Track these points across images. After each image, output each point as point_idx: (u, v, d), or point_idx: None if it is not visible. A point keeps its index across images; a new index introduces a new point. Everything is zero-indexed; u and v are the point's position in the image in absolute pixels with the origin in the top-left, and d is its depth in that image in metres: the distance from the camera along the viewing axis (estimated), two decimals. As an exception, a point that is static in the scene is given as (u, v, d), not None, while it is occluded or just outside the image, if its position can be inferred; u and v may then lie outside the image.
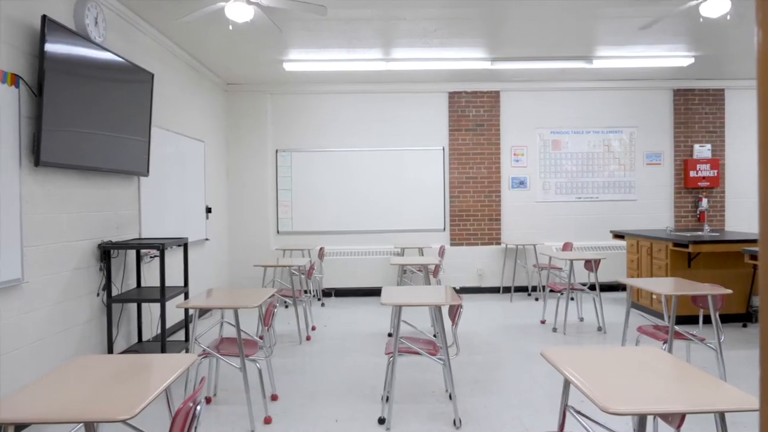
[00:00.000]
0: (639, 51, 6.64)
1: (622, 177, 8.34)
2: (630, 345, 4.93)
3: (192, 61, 6.61)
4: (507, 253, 8.18)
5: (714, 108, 8.33)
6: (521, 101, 8.26)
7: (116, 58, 4.49)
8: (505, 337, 5.72)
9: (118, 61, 4.52)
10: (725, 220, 8.39)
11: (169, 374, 2.08)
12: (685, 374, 2.07)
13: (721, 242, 5.67)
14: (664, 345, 3.82)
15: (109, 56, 4.39)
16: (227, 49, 6.32)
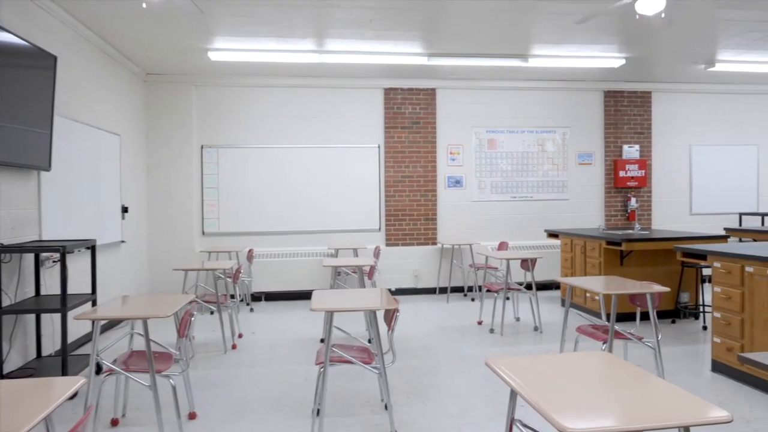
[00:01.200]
0: (573, 50, 6.65)
1: (556, 177, 8.40)
2: (569, 344, 4.85)
3: (105, 46, 6.04)
4: (443, 253, 8.04)
5: (641, 110, 8.54)
6: (457, 99, 8.15)
7: (10, 38, 3.95)
8: (442, 339, 5.54)
9: (13, 40, 3.98)
10: (652, 218, 8.62)
11: (44, 405, 1.70)
12: (640, 381, 1.90)
13: (652, 240, 5.73)
14: (604, 345, 3.73)
15: (1, 35, 3.85)
16: (144, 34, 5.81)
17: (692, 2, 5.00)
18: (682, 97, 8.69)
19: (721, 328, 4.30)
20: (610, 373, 2.01)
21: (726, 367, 4.27)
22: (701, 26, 5.79)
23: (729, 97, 8.83)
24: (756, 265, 3.96)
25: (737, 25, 5.75)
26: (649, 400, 1.73)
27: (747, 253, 4.05)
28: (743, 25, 5.72)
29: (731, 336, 4.20)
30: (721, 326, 4.30)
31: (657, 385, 1.86)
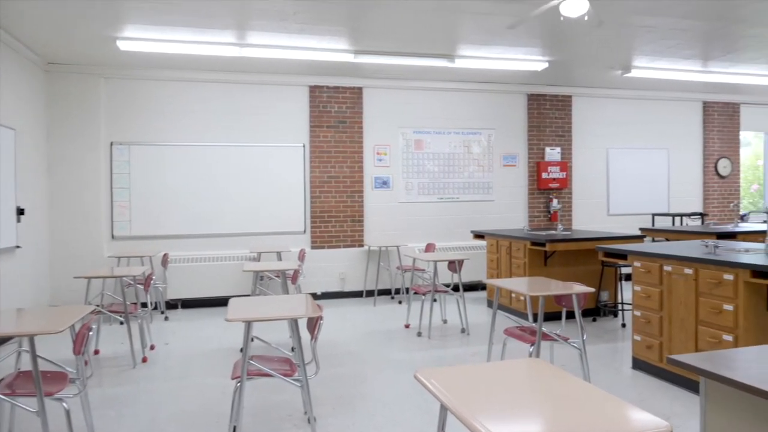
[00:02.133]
0: (498, 52, 6.69)
1: (482, 178, 8.46)
2: (497, 346, 4.81)
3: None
4: (370, 256, 7.89)
5: (563, 113, 8.77)
6: (384, 99, 8.03)
7: None
8: (369, 344, 5.37)
9: None
10: (572, 219, 8.87)
11: None
12: (579, 392, 1.80)
13: (574, 240, 5.83)
14: (532, 347, 3.68)
15: None
16: (41, 17, 5.26)
17: (612, 8, 5.12)
18: (600, 101, 9.01)
19: (641, 326, 4.39)
20: (543, 382, 1.90)
21: (646, 364, 4.36)
22: (619, 32, 5.96)
23: (643, 103, 9.24)
24: (674, 264, 4.06)
25: (653, 32, 5.96)
26: (589, 412, 1.63)
27: (665, 252, 4.15)
28: (658, 32, 5.94)
29: (651, 334, 4.29)
30: (641, 324, 4.39)
31: (592, 395, 1.77)
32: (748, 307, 3.53)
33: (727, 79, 8.09)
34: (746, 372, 1.84)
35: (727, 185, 9.70)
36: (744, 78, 8.09)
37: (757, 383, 1.73)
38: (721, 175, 9.62)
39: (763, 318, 3.57)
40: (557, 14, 5.23)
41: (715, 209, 9.62)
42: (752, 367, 1.90)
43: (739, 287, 3.55)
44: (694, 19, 5.51)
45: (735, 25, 5.75)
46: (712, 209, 9.60)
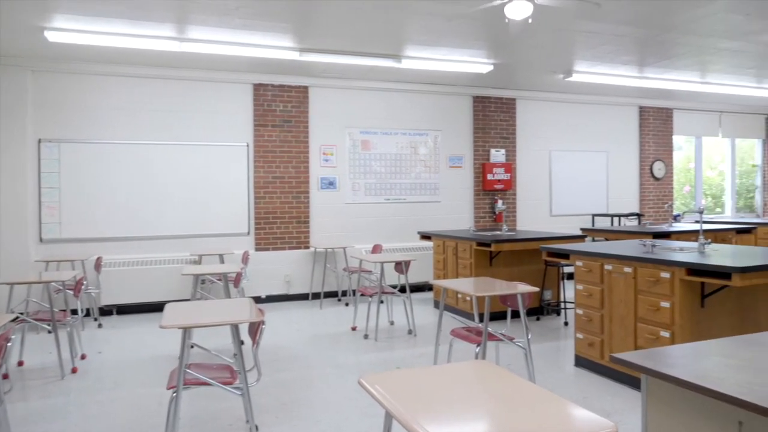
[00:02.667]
0: (444, 54, 6.71)
1: (428, 179, 8.48)
2: (444, 347, 4.80)
3: None
4: (316, 257, 7.76)
5: (507, 116, 8.91)
6: (331, 98, 7.92)
7: None
8: (315, 348, 5.25)
9: None
10: (517, 220, 9.02)
11: None
12: (524, 394, 1.77)
13: (519, 241, 5.90)
14: (478, 348, 3.67)
15: None
16: (-41, 3, 4.88)
17: (555, 12, 5.21)
18: (543, 104, 9.21)
19: (583, 325, 4.47)
20: (488, 384, 1.87)
21: (588, 361, 4.44)
22: (562, 37, 6.08)
23: (584, 107, 9.51)
24: (614, 263, 4.15)
25: (594, 38, 6.12)
26: (534, 414, 1.59)
27: (606, 252, 4.24)
28: (599, 37, 6.10)
29: (592, 332, 4.37)
30: (583, 322, 4.47)
31: (538, 396, 1.74)
32: (683, 304, 3.64)
33: (662, 85, 8.43)
34: (685, 369, 1.86)
35: (662, 187, 10.12)
36: (677, 84, 8.45)
37: (695, 379, 1.75)
38: (656, 177, 10.03)
39: (697, 314, 3.69)
40: (500, 18, 5.29)
41: (651, 210, 10.02)
42: (690, 364, 1.92)
43: (675, 285, 3.66)
44: (632, 25, 5.68)
45: (669, 33, 5.98)
46: (647, 210, 9.98)
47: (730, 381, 1.73)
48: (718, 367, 1.88)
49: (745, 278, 3.24)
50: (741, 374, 1.80)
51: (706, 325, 3.72)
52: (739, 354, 2.02)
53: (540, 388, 1.81)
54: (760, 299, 3.91)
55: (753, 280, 3.28)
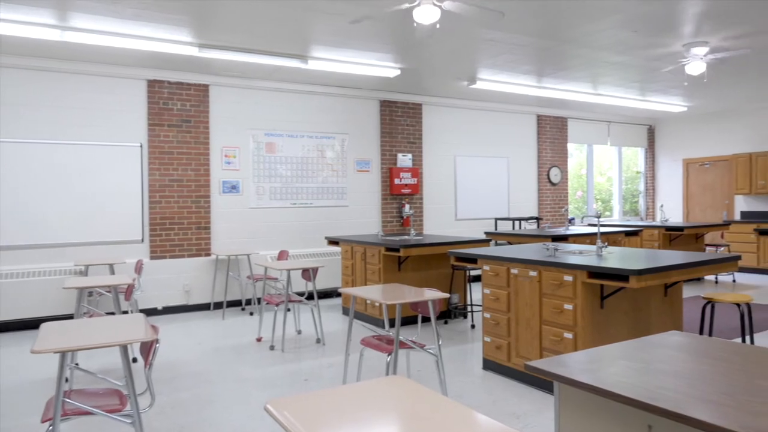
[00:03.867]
0: (351, 56, 6.60)
1: (335, 183, 8.34)
2: (354, 356, 4.67)
3: None
4: (218, 265, 7.36)
5: (414, 120, 8.98)
6: (234, 98, 7.56)
7: None
8: (218, 362, 4.93)
9: None
10: (424, 224, 9.10)
11: None
12: (438, 410, 1.67)
13: (427, 245, 5.91)
14: (389, 357, 3.58)
15: None
16: None
17: (460, 20, 5.26)
18: (449, 110, 9.38)
19: (490, 328, 4.52)
20: (401, 402, 1.76)
21: (495, 364, 4.50)
22: (467, 44, 6.18)
23: (487, 113, 9.80)
24: (520, 267, 4.22)
25: (496, 47, 6.28)
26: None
27: (512, 256, 4.31)
28: (501, 46, 6.27)
29: (499, 335, 4.43)
30: (490, 326, 4.52)
31: (451, 412, 1.65)
32: (585, 306, 3.77)
33: (558, 95, 8.86)
34: (595, 374, 1.87)
35: (558, 192, 10.66)
36: (571, 95, 8.92)
37: (606, 385, 1.76)
38: (553, 182, 10.54)
39: (597, 315, 3.83)
40: (408, 22, 5.27)
41: (548, 213, 10.51)
42: (600, 369, 1.93)
43: (577, 287, 3.77)
44: (532, 36, 5.88)
45: (566, 46, 6.26)
46: (545, 213, 10.47)
47: (639, 385, 1.76)
48: (626, 371, 1.90)
49: (641, 280, 3.39)
50: (648, 377, 1.83)
51: (605, 326, 3.87)
52: (642, 356, 2.07)
53: (455, 403, 1.73)
54: (651, 298, 4.14)
55: (648, 282, 3.44)
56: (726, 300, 4.11)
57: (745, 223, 10.08)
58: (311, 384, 4.32)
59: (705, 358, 2.04)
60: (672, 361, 2.01)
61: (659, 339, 2.32)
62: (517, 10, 5.10)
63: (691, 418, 1.53)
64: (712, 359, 2.02)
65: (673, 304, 4.29)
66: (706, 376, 1.83)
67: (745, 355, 2.05)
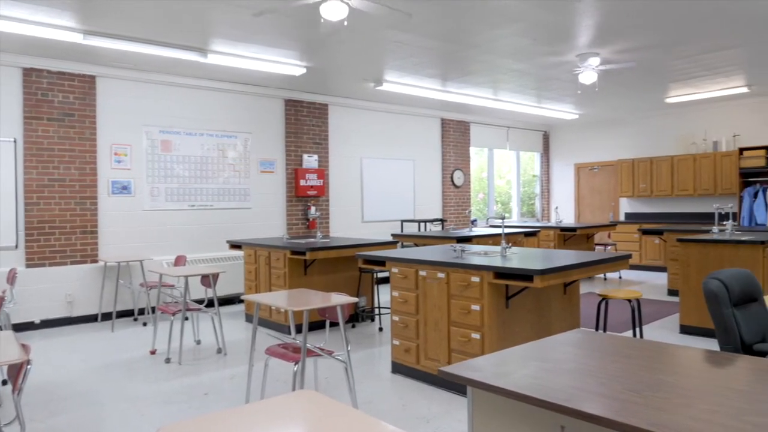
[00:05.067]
0: (255, 52, 6.33)
1: (237, 184, 7.98)
2: (259, 366, 4.43)
3: None
4: (107, 272, 6.78)
5: (320, 121, 8.81)
6: (124, 92, 7.01)
7: None
8: (105, 380, 4.50)
9: None
10: (330, 226, 8.95)
11: None
12: (351, 426, 1.55)
13: (334, 248, 5.77)
14: (296, 366, 3.41)
15: None
16: None
17: (367, 20, 5.19)
18: (355, 112, 9.31)
19: (399, 331, 4.47)
20: (312, 422, 1.62)
21: (405, 367, 4.45)
22: (374, 45, 6.13)
23: (393, 116, 9.84)
24: (428, 269, 4.21)
25: (403, 48, 6.28)
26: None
27: (420, 258, 4.29)
28: (407, 49, 6.27)
29: (408, 337, 4.39)
30: (399, 329, 4.47)
31: (362, 427, 1.54)
32: (491, 306, 3.81)
33: (461, 99, 9.07)
34: (508, 378, 1.84)
35: (461, 194, 10.93)
36: (473, 99, 9.17)
37: (519, 388, 1.74)
38: (456, 185, 10.79)
39: (503, 314, 3.89)
40: (314, 18, 5.12)
41: (452, 215, 10.74)
42: (513, 371, 1.91)
43: (484, 288, 3.81)
44: (438, 39, 5.94)
45: (469, 50, 6.38)
46: (449, 215, 10.69)
47: (551, 386, 1.75)
48: (538, 372, 1.89)
49: (544, 280, 3.47)
50: (559, 377, 1.83)
51: (510, 324, 3.94)
52: (552, 356, 2.07)
53: (365, 416, 1.62)
54: (551, 296, 4.28)
55: (550, 281, 3.53)
56: (619, 296, 4.34)
57: (629, 224, 10.87)
58: (212, 398, 4.05)
59: (610, 355, 2.07)
60: (580, 359, 2.03)
61: (565, 338, 2.35)
62: (424, 13, 5.11)
63: (602, 417, 1.53)
64: (617, 356, 2.06)
65: (572, 301, 4.46)
66: (614, 374, 1.85)
67: (645, 351, 2.12)
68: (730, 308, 2.62)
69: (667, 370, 1.89)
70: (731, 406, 1.55)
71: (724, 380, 1.78)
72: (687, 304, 5.73)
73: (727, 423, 1.44)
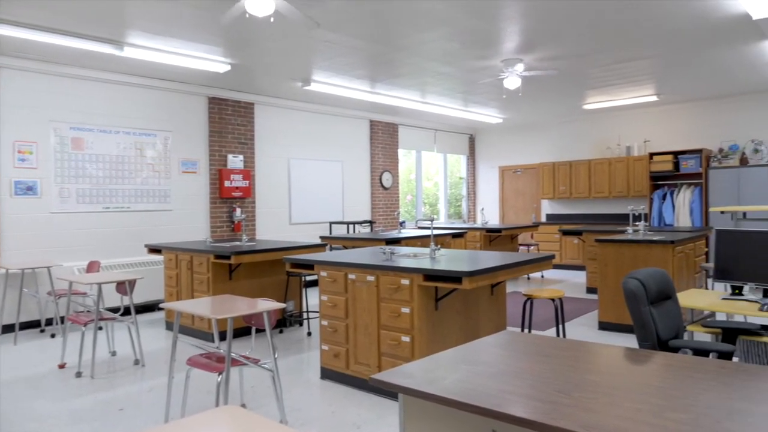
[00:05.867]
0: (176, 46, 6.04)
1: (157, 185, 7.60)
2: (180, 376, 4.20)
3: None
4: (9, 280, 6.24)
5: (245, 120, 8.55)
6: (30, 85, 6.49)
7: None
8: (8, 398, 4.12)
9: None
10: (256, 229, 8.71)
11: None
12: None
13: (261, 252, 5.60)
14: (220, 376, 3.25)
15: None
16: None
17: (291, 20, 5.06)
18: (283, 111, 9.11)
19: (328, 336, 4.38)
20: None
21: (334, 373, 4.36)
22: (301, 43, 6.00)
23: (322, 117, 9.71)
24: (357, 272, 4.14)
25: (331, 48, 6.18)
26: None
27: (349, 261, 4.22)
28: (336, 48, 6.19)
29: (338, 342, 4.31)
30: (328, 334, 4.37)
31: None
32: (421, 309, 3.80)
33: (390, 101, 9.08)
34: (439, 384, 1.82)
35: (390, 196, 10.96)
36: (402, 102, 9.21)
37: (451, 394, 1.72)
38: (385, 186, 10.81)
39: (432, 316, 3.89)
40: (240, 12, 4.93)
41: (381, 217, 10.75)
42: (445, 377, 1.88)
43: (414, 291, 3.79)
44: (366, 40, 5.90)
45: (398, 53, 6.39)
46: (378, 217, 10.69)
47: (482, 390, 1.74)
48: (469, 376, 1.88)
49: (472, 281, 3.50)
50: (490, 381, 1.82)
51: (439, 326, 3.94)
52: (482, 359, 2.07)
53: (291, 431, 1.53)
54: (479, 297, 4.33)
55: (479, 282, 3.56)
56: (543, 296, 4.46)
57: (550, 225, 11.30)
58: (128, 414, 3.79)
59: (538, 356, 2.09)
60: (509, 361, 2.03)
61: (494, 340, 2.36)
62: (352, 13, 5.05)
63: (533, 421, 1.52)
64: (545, 357, 2.07)
65: (499, 301, 4.54)
66: (542, 375, 1.86)
67: (571, 350, 2.15)
68: (648, 306, 2.72)
69: (592, 370, 1.92)
70: (653, 403, 1.59)
71: (645, 377, 1.83)
72: (605, 302, 6.00)
73: (651, 421, 1.46)
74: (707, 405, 1.56)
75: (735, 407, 1.54)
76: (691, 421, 1.45)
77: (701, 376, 1.81)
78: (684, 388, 1.70)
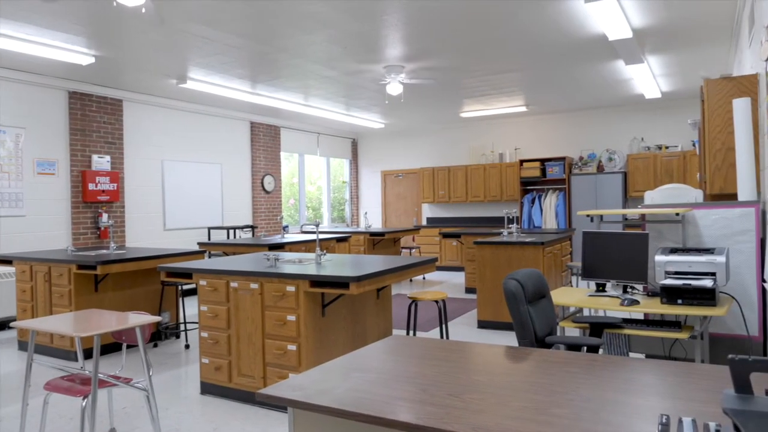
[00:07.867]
0: (31, 33, 5.42)
1: (7, 188, 6.77)
2: (36, 402, 3.74)
3: None
4: None
5: (113, 118, 7.89)
6: None
7: None
8: None
9: None
10: (126, 235, 8.07)
11: None
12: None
13: (131, 260, 5.17)
14: (85, 400, 2.93)
15: None
16: None
17: (171, 9, 4.75)
18: (156, 110, 8.53)
19: (208, 348, 4.14)
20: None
21: (215, 386, 4.14)
22: (176, 38, 5.65)
23: (199, 117, 9.23)
24: (240, 280, 3.96)
25: (209, 45, 5.89)
26: None
27: (231, 268, 4.02)
28: (214, 46, 5.91)
29: (219, 354, 4.09)
30: (208, 345, 4.14)
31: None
32: (307, 316, 3.71)
33: (271, 102, 8.87)
34: (331, 394, 1.76)
35: (272, 200, 10.69)
36: (284, 104, 9.03)
37: (342, 405, 1.67)
38: (267, 190, 10.53)
39: (319, 323, 3.82)
40: (109, 1, 4.53)
41: (263, 222, 10.46)
42: (337, 386, 1.84)
43: (300, 298, 3.70)
44: (247, 38, 5.70)
45: (280, 53, 6.24)
46: (260, 222, 10.38)
47: (376, 398, 1.72)
48: (362, 384, 1.85)
49: (359, 286, 3.48)
50: (383, 388, 1.80)
51: (327, 333, 3.88)
52: (373, 365, 2.04)
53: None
54: (366, 302, 4.34)
55: (366, 287, 3.55)
56: (427, 298, 4.56)
57: (431, 228, 11.69)
58: (-31, 450, 3.30)
59: (427, 359, 2.11)
60: (399, 366, 2.03)
61: (384, 345, 2.35)
62: (231, 11, 4.84)
63: (428, 427, 1.52)
64: (434, 360, 2.10)
65: (385, 305, 4.58)
66: (433, 379, 1.88)
67: (458, 352, 2.20)
68: (526, 305, 2.87)
69: (480, 371, 1.97)
70: (537, 400, 1.65)
71: (528, 375, 1.90)
72: (483, 301, 6.29)
73: (537, 418, 1.52)
74: (585, 398, 1.65)
75: (609, 398, 1.65)
76: (573, 416, 1.52)
77: (577, 371, 1.92)
78: (563, 384, 1.80)
